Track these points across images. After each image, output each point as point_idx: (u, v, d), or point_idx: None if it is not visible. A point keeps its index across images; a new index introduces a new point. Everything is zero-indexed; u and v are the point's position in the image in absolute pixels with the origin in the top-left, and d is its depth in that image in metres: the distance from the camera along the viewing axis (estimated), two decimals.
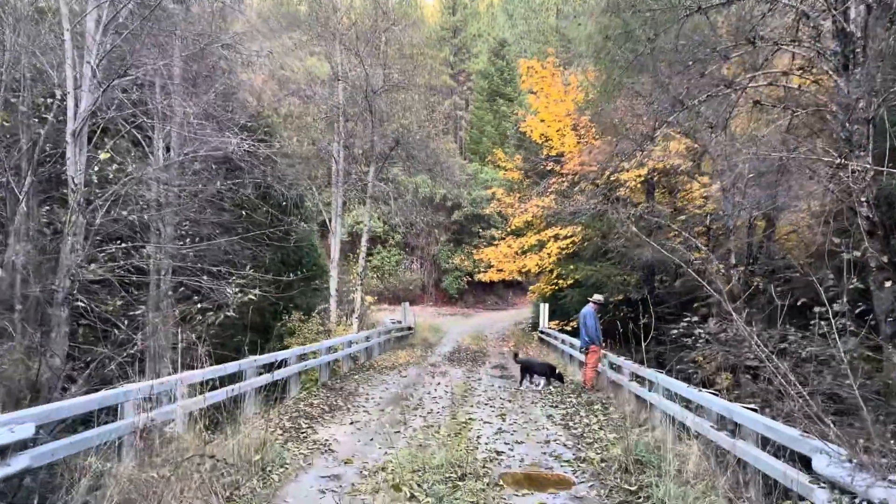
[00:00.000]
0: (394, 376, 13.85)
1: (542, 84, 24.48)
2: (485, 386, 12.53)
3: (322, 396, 10.62)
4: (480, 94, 52.21)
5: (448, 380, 13.37)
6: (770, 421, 5.26)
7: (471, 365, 16.64)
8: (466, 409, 9.72)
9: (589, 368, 11.35)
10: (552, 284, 24.99)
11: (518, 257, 26.50)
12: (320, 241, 25.18)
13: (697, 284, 23.70)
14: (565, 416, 9.27)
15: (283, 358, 10.50)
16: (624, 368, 10.53)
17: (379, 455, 6.72)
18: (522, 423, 8.82)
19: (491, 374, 14.57)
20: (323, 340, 14.53)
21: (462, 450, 6.95)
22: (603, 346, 11.65)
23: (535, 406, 10.20)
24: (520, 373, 12.50)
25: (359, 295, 19.37)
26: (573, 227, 23.50)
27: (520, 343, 24.03)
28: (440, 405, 10.02)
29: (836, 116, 10.34)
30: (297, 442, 7.30)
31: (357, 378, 13.33)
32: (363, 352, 16.87)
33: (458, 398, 10.79)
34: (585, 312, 11.47)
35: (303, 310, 20.13)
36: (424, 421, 8.71)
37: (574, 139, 22.86)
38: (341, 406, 9.80)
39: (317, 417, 8.81)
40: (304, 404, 9.76)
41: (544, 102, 24.21)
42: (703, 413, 6.85)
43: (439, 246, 43.19)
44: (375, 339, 18.63)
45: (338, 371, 14.85)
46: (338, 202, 19.72)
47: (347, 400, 10.38)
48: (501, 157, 28.49)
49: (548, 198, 24.07)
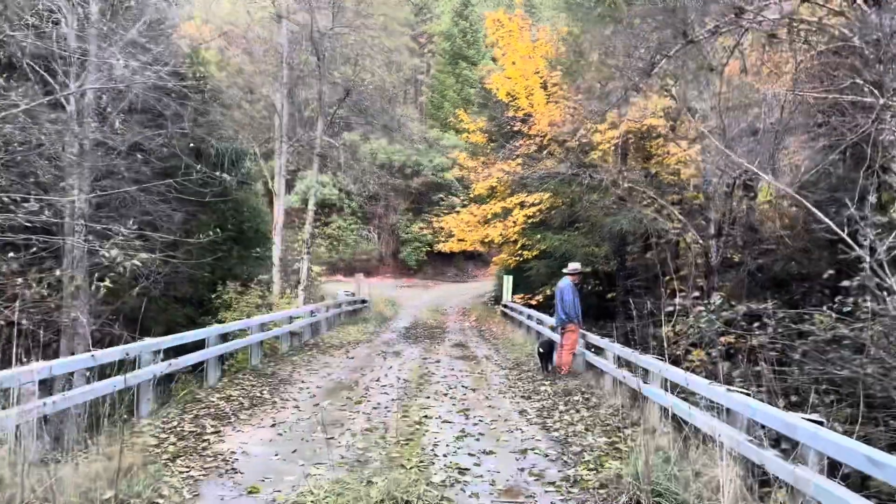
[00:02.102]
0: (339, 357, 12.02)
1: (510, 39, 22.56)
2: (444, 369, 10.81)
3: (246, 385, 8.73)
4: (442, 57, 49.86)
5: (402, 361, 11.61)
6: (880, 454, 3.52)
7: (428, 343, 14.92)
8: (421, 402, 7.97)
9: (565, 351, 9.70)
10: (516, 256, 23.35)
11: (481, 226, 24.78)
12: (269, 208, 22.99)
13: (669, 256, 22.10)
14: (541, 412, 7.60)
15: (195, 339, 8.54)
16: (608, 352, 8.91)
17: (299, 477, 4.91)
18: (490, 421, 7.11)
19: (451, 355, 12.87)
20: (257, 316, 12.58)
21: (413, 466, 5.20)
22: (582, 324, 10.00)
23: (504, 397, 8.51)
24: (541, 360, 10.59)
25: (305, 265, 17.38)
26: (541, 195, 21.82)
27: (482, 318, 22.43)
28: (390, 397, 8.24)
29: (862, 55, 8.77)
30: (191, 456, 5.42)
31: (295, 360, 11.46)
32: (307, 328, 14.97)
33: (412, 387, 9.03)
34: (563, 286, 9.77)
35: (243, 280, 18.09)
36: (368, 421, 6.92)
37: (543, 97, 21.06)
38: (266, 399, 7.93)
39: (230, 416, 6.93)
40: (220, 397, 7.86)
41: (511, 58, 22.32)
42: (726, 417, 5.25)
43: (398, 215, 41.18)
44: (323, 314, 16.73)
45: (276, 351, 12.95)
46: (281, 161, 17.57)
47: (276, 390, 8.50)
48: (464, 118, 26.49)
49: (514, 162, 22.31)
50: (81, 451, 4.68)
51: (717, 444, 4.71)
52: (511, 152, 22.37)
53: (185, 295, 18.65)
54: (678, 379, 6.27)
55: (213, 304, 17.69)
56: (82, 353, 13.75)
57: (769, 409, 4.56)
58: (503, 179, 23.13)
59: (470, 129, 26.31)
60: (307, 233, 17.35)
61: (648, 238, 23.87)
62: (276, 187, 17.64)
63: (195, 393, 8.04)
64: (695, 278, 18.48)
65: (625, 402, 7.68)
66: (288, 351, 12.70)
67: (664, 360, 8.57)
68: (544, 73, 21.50)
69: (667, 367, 6.66)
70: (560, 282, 9.92)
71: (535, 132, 21.15)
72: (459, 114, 27.45)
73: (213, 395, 7.94)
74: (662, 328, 19.32)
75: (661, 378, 6.88)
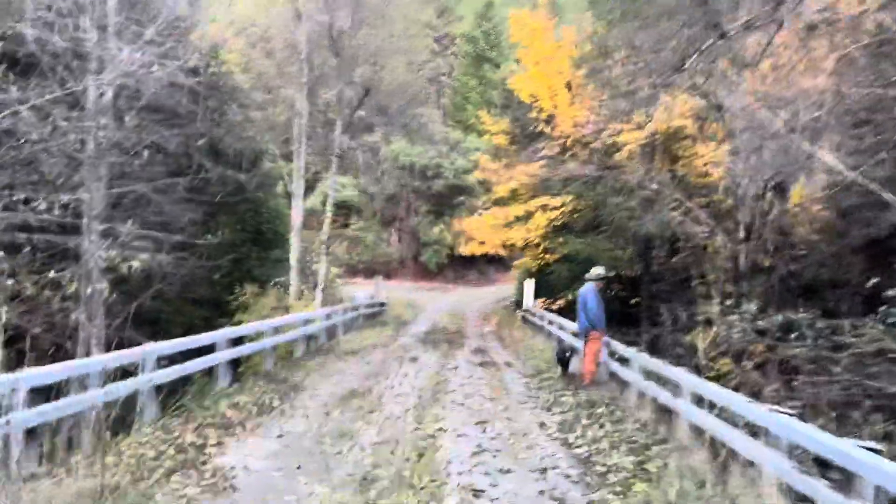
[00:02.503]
0: (354, 363, 11.68)
1: (533, 38, 22.11)
2: (462, 377, 10.41)
3: (256, 392, 8.41)
4: (465, 60, 49.57)
5: (418, 368, 11.24)
6: None
7: (447, 348, 14.54)
8: (436, 412, 7.59)
9: (589, 360, 9.25)
10: (539, 259, 22.89)
11: (502, 229, 24.35)
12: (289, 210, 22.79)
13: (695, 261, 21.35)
14: (563, 425, 7.17)
15: (203, 344, 8.26)
16: (633, 362, 8.46)
17: (300, 498, 4.56)
18: (508, 435, 6.70)
19: (469, 361, 12.47)
20: (271, 319, 12.30)
21: (424, 487, 4.82)
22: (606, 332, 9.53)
23: (524, 407, 8.09)
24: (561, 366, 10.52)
25: (323, 266, 17.12)
26: (563, 198, 21.35)
27: (502, 323, 22.01)
28: (404, 406, 7.87)
29: None
30: (188, 472, 5.10)
31: (309, 365, 11.14)
32: (323, 332, 14.68)
33: (427, 395, 8.65)
34: (585, 291, 9.32)
35: (261, 282, 17.91)
36: (379, 433, 6.55)
37: (567, 98, 20.57)
38: (275, 407, 7.61)
39: (235, 426, 6.62)
40: (228, 404, 7.55)
41: (534, 58, 21.89)
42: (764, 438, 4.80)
43: (419, 218, 40.87)
44: (340, 317, 16.44)
45: (291, 355, 12.68)
46: (300, 161, 17.33)
47: (286, 398, 8.18)
48: (487, 119, 26.08)
49: (536, 164, 21.86)
50: (67, 467, 4.37)
51: (760, 470, 4.27)
52: (534, 154, 21.92)
53: (202, 297, 18.51)
54: (714, 396, 5.81)
55: (231, 306, 17.52)
56: (97, 356, 13.56)
57: (819, 434, 4.10)
58: (525, 182, 22.69)
59: (492, 130, 25.90)
60: (325, 233, 17.07)
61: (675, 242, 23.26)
62: (294, 188, 17.41)
63: (203, 399, 7.76)
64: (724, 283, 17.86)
65: (652, 416, 7.22)
66: (303, 355, 12.41)
67: (694, 373, 8.12)
68: (568, 74, 21.02)
69: (701, 382, 6.20)
70: (583, 287, 9.47)
71: (559, 134, 20.68)
72: (481, 115, 27.06)
73: (222, 402, 7.63)
74: (692, 336, 18.64)
75: (693, 392, 6.43)
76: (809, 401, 7.83)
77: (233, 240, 18.39)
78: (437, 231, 39.03)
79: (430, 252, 40.15)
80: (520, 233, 23.12)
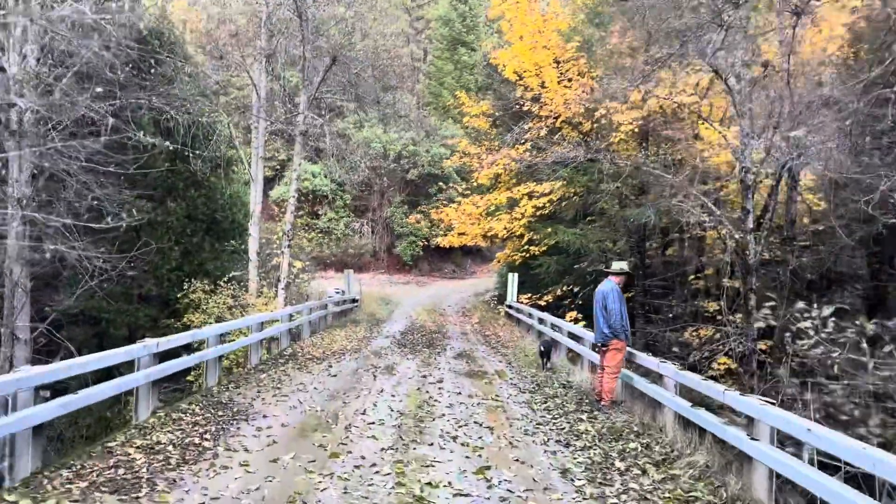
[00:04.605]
0: (319, 374, 9.77)
1: (517, 11, 20.24)
2: (449, 394, 8.58)
3: (186, 423, 6.47)
4: (440, 43, 47.48)
5: (396, 381, 9.38)
6: None
7: (427, 353, 12.69)
8: (423, 453, 5.75)
9: (609, 375, 7.47)
10: (522, 251, 21.12)
11: (483, 219, 22.55)
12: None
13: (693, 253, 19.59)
14: (592, 471, 5.38)
15: (116, 362, 6.27)
16: (667, 378, 6.71)
17: None
18: (523, 490, 4.88)
19: (455, 370, 10.64)
20: (215, 324, 10.32)
21: None
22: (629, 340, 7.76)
23: (533, 442, 6.28)
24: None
25: (285, 260, 15.11)
26: (552, 184, 19.59)
27: (485, 320, 20.24)
28: (379, 444, 6.01)
29: None
30: None
31: (264, 379, 9.20)
32: (285, 334, 12.74)
33: (409, 424, 6.80)
34: (605, 291, 7.51)
35: (215, 277, 15.85)
36: (344, 494, 4.68)
37: (555, 75, 18.78)
38: (205, 450, 5.67)
39: (141, 486, 4.69)
40: (142, 445, 5.60)
41: (519, 31, 20.02)
42: None
43: (393, 208, 38.85)
44: (305, 317, 14.49)
45: (243, 364, 10.74)
46: (258, 140, 15.27)
47: (224, 432, 6.25)
48: (465, 100, 24.18)
49: (521, 147, 20.07)
50: None
51: None
52: (519, 136, 20.11)
53: (149, 293, 16.41)
54: (818, 442, 4.05)
55: (181, 304, 15.45)
56: (24, 362, 11.41)
57: None
58: (509, 167, 20.90)
59: (472, 112, 24.02)
60: (288, 223, 15.07)
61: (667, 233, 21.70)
62: (253, 171, 15.35)
63: (109, 439, 5.81)
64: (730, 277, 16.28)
65: (707, 456, 5.47)
66: (258, 364, 10.46)
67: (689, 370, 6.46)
68: (556, 50, 19.20)
69: (790, 417, 4.43)
70: (602, 285, 7.67)
71: (547, 113, 18.90)
72: (460, 95, 25.12)
73: (134, 442, 5.69)
74: (689, 334, 16.82)
75: (771, 429, 4.69)
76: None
77: (183, 229, 16.31)
78: (413, 221, 37.08)
79: (404, 244, 38.20)
80: (502, 222, 21.36)
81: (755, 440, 4.73)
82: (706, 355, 16.33)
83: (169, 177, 16.07)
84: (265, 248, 17.24)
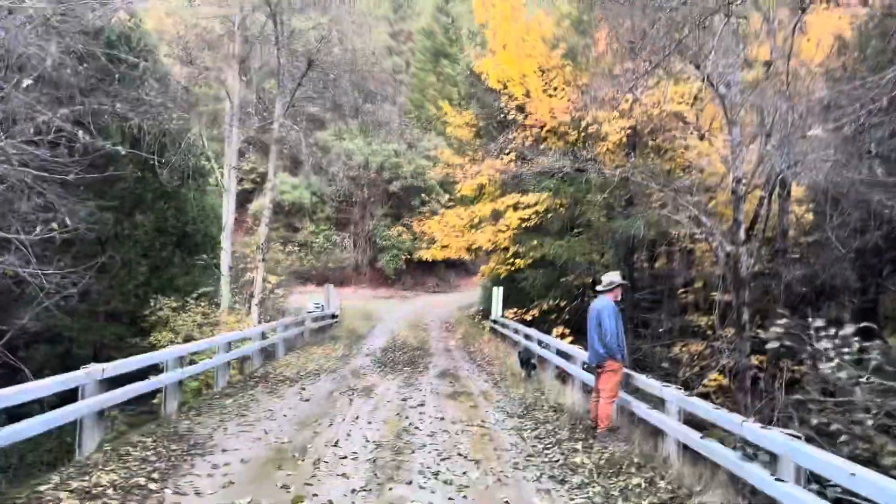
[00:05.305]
0: (290, 399, 9.04)
1: (501, 18, 19.78)
2: (431, 419, 7.90)
3: (133, 460, 5.73)
4: (423, 55, 47.15)
5: (373, 406, 8.68)
6: None
7: (409, 373, 12.00)
8: (399, 497, 5.06)
9: (606, 400, 6.83)
10: (507, 265, 20.51)
11: (467, 231, 21.95)
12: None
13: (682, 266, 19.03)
14: None
15: (60, 389, 5.53)
16: (670, 404, 6.10)
17: None
18: None
19: (438, 392, 9.96)
20: (171, 346, 9.57)
21: None
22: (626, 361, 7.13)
23: (525, 479, 5.61)
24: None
25: (259, 274, 14.37)
26: (538, 195, 19.06)
27: (469, 336, 19.58)
28: (350, 484, 5.32)
29: None
30: None
31: (229, 405, 8.46)
32: (257, 354, 11.99)
33: (385, 458, 6.10)
34: (600, 308, 6.88)
35: (185, 293, 15.07)
36: None
37: (540, 84, 18.31)
38: (150, 492, 4.93)
39: None
40: (79, 487, 4.86)
41: (502, 40, 19.56)
42: None
43: (375, 221, 38.13)
44: (280, 335, 13.75)
45: (208, 387, 9.99)
46: (232, 149, 14.57)
47: (174, 471, 5.51)
48: (448, 110, 23.68)
49: (506, 157, 19.53)
50: None
51: None
52: (503, 146, 19.59)
53: (115, 310, 15.58)
54: (868, 490, 3.44)
55: (148, 322, 14.64)
56: None
57: None
58: (494, 178, 20.36)
59: (455, 122, 23.51)
60: (262, 236, 14.34)
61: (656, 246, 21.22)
62: (226, 181, 14.63)
63: (42, 482, 5.07)
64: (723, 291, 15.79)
65: (727, 499, 4.84)
66: (225, 388, 9.71)
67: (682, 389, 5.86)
68: (541, 58, 18.75)
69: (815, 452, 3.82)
70: (595, 302, 7.04)
71: (532, 123, 18.41)
72: (443, 105, 24.61)
73: (69, 485, 4.95)
74: (679, 350, 16.19)
75: (797, 468, 4.08)
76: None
77: (151, 242, 15.52)
78: (395, 234, 36.40)
79: (387, 257, 37.47)
80: (486, 235, 20.79)
81: (781, 481, 4.11)
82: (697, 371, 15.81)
83: (136, 188, 15.34)
84: (240, 262, 16.49)
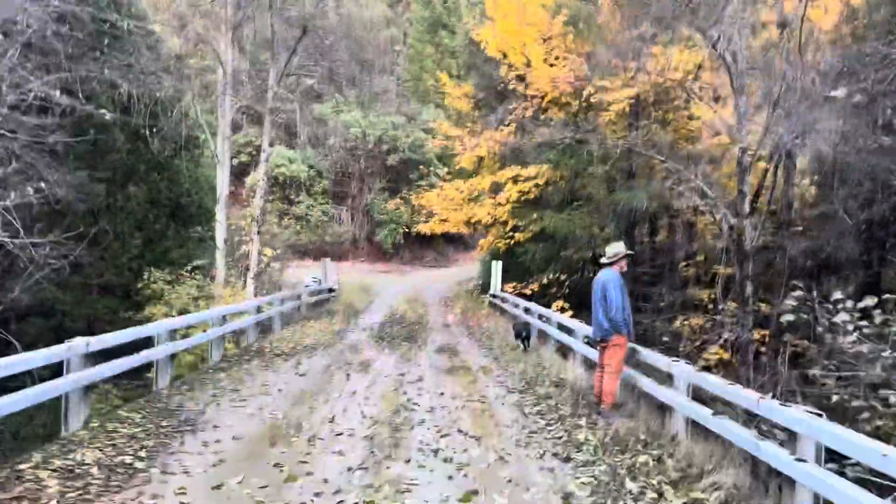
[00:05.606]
0: (286, 374, 8.84)
1: None
2: (430, 395, 7.70)
3: (121, 437, 5.52)
4: (420, 25, 46.30)
5: (370, 381, 8.48)
6: None
7: (406, 347, 11.80)
8: (398, 474, 4.86)
9: (611, 375, 6.61)
10: (507, 238, 20.24)
11: (466, 204, 21.64)
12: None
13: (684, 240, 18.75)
14: (599, 493, 4.53)
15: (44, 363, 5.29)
16: (679, 380, 5.89)
17: None
18: None
19: (437, 367, 9.77)
20: (163, 320, 9.34)
21: None
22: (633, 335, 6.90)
23: (527, 456, 5.42)
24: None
25: (255, 247, 14.11)
26: (538, 167, 18.72)
27: (468, 310, 19.38)
28: (346, 462, 5.11)
29: None
30: None
31: (223, 379, 8.26)
32: (252, 328, 11.77)
33: (383, 435, 5.90)
34: (604, 280, 6.63)
35: (180, 266, 14.80)
36: None
37: (541, 52, 17.84)
38: (137, 471, 4.72)
39: None
40: (63, 465, 4.65)
41: (503, 9, 19.07)
42: None
43: (373, 195, 37.74)
44: (276, 308, 13.53)
45: (203, 361, 9.77)
46: (225, 119, 14.20)
47: (163, 448, 5.30)
48: (446, 81, 23.20)
49: (506, 129, 19.17)
50: None
51: None
52: (503, 118, 19.20)
53: (109, 283, 15.32)
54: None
55: (142, 296, 14.40)
56: None
57: None
58: (493, 150, 20.00)
59: (454, 94, 23.05)
60: (258, 208, 14.05)
61: (657, 219, 20.92)
62: (219, 152, 14.28)
63: (23, 460, 4.85)
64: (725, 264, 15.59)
65: (731, 470, 4.65)
66: (219, 362, 9.50)
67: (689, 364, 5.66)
68: (542, 26, 18.24)
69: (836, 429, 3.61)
70: (600, 274, 6.78)
71: (532, 93, 17.99)
72: (441, 77, 24.12)
73: (52, 463, 4.74)
74: (680, 324, 16.01)
75: (818, 446, 3.87)
76: None
77: (145, 214, 15.21)
78: (393, 208, 36.03)
79: (385, 231, 37.18)
80: (486, 208, 20.50)
81: (801, 461, 3.89)
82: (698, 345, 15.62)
83: (129, 158, 14.98)
84: (235, 235, 16.21)
